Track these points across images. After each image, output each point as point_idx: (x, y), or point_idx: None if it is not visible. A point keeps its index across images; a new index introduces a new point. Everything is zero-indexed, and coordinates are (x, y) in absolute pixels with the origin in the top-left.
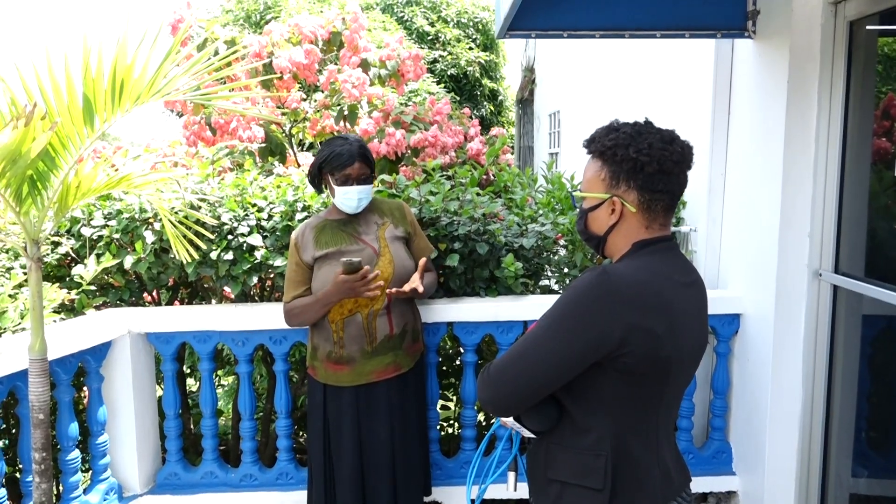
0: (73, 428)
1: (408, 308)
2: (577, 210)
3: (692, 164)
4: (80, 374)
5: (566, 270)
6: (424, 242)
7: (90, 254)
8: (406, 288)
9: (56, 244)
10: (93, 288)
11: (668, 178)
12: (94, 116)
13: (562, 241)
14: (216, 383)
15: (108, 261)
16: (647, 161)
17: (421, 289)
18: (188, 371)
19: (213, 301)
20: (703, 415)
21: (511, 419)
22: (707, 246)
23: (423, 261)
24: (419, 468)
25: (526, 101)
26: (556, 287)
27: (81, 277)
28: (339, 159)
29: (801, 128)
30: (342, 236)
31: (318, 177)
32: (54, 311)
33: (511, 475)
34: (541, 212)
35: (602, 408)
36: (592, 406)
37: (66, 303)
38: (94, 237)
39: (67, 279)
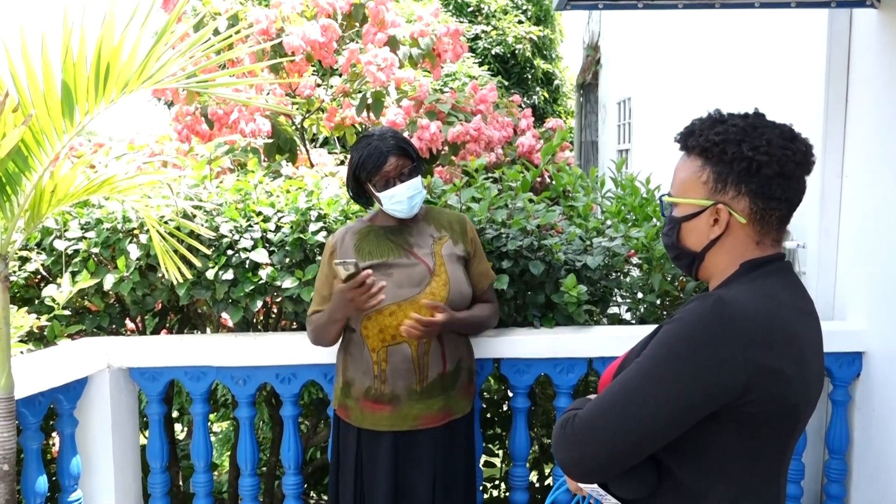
0: (42, 482)
1: (462, 341)
2: (666, 219)
3: (813, 165)
4: (50, 416)
5: (640, 296)
6: (484, 266)
7: (64, 272)
8: (437, 317)
9: (24, 260)
10: (66, 313)
11: (787, 182)
12: (74, 108)
13: (635, 260)
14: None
15: (85, 280)
16: (765, 161)
17: (442, 317)
18: (176, 415)
19: (209, 330)
20: (816, 479)
21: (595, 486)
22: (819, 266)
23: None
24: None
25: (589, 87)
26: (627, 316)
27: (53, 300)
28: (371, 161)
29: None
30: (389, 247)
31: (358, 189)
32: (21, 341)
33: None
34: (609, 223)
35: (717, 468)
36: (705, 466)
37: (35, 330)
38: (69, 252)
39: (36, 302)
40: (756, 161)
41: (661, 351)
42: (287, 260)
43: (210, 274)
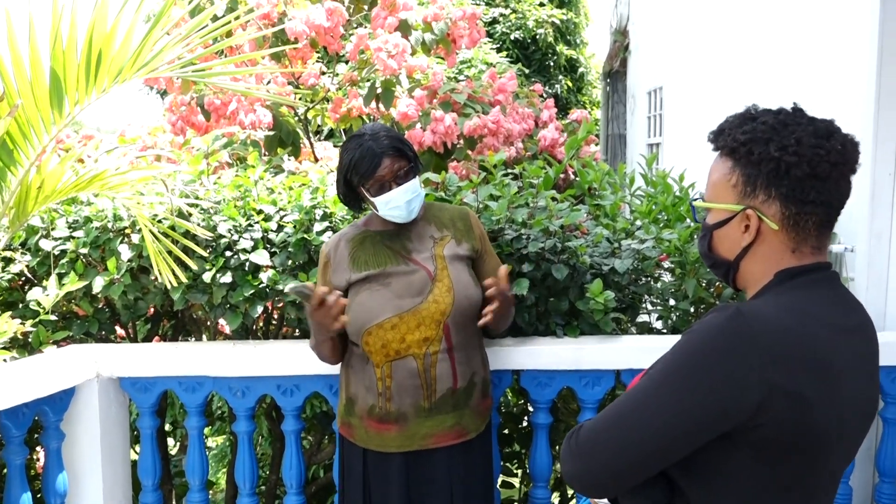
0: (26, 500)
1: (475, 351)
2: (701, 226)
3: (857, 165)
4: (35, 429)
5: (672, 303)
6: (495, 261)
7: (51, 273)
8: (496, 297)
9: (8, 261)
10: (53, 318)
11: (822, 184)
12: (63, 97)
13: (667, 263)
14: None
15: (73, 283)
16: (793, 162)
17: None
18: (169, 428)
19: (205, 337)
20: None
21: (605, 501)
22: (869, 272)
23: (503, 269)
24: None
25: (616, 75)
26: (658, 325)
27: (39, 304)
28: (363, 164)
29: None
30: (386, 254)
31: (349, 193)
32: (3, 348)
33: None
34: (638, 224)
35: (731, 492)
36: (717, 488)
37: (19, 336)
38: (56, 252)
39: (21, 306)
40: (784, 162)
41: (672, 364)
42: (290, 262)
43: (207, 277)
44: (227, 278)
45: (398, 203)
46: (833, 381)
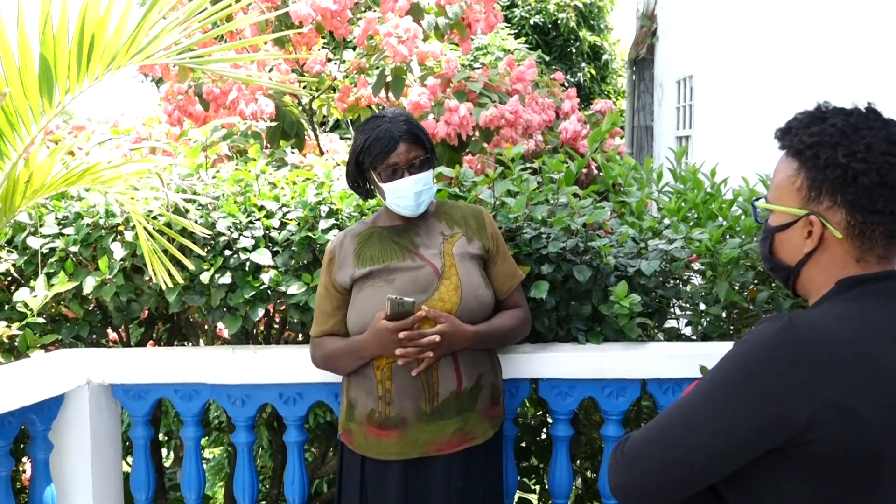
0: None
1: (483, 354)
2: (763, 226)
3: None
4: (21, 438)
5: (703, 307)
6: (509, 265)
7: (38, 273)
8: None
9: None
10: (41, 320)
11: (892, 193)
12: (53, 86)
13: (697, 265)
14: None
15: (62, 283)
16: (861, 169)
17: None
18: (164, 438)
19: (202, 342)
20: None
21: None
22: None
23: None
24: None
25: (643, 62)
26: (687, 331)
27: (26, 305)
28: (378, 145)
29: None
30: (393, 250)
31: (359, 177)
32: None
33: None
34: (667, 222)
35: None
36: None
37: (5, 340)
38: (45, 250)
39: (7, 307)
40: (851, 169)
41: (721, 376)
42: (293, 262)
43: (205, 277)
44: (227, 279)
45: (406, 193)
46: (889, 396)
